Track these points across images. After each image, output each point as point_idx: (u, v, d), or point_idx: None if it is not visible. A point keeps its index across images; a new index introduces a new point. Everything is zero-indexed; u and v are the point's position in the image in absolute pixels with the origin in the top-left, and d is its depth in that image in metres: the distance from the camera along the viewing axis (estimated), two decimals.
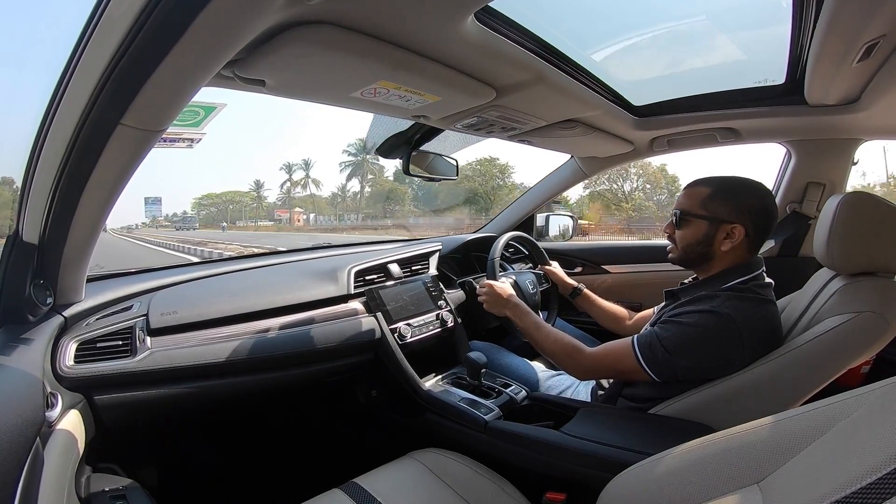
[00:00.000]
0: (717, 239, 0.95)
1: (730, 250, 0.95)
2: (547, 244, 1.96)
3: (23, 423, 0.58)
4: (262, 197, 57.21)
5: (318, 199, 53.65)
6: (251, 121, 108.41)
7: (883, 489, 0.32)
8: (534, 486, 0.87)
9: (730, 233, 0.94)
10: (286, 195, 55.36)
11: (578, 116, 1.24)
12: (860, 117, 1.16)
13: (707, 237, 0.96)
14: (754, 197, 0.95)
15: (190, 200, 78.71)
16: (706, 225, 0.96)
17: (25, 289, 0.77)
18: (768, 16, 0.94)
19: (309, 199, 53.52)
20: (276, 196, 57.40)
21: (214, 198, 60.32)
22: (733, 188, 0.96)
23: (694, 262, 1.01)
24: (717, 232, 0.95)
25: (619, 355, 0.96)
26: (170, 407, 0.93)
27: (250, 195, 58.15)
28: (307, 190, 52.97)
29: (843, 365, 0.85)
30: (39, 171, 0.68)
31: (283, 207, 54.88)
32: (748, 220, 0.93)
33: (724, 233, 0.95)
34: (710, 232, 0.96)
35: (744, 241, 0.94)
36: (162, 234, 39.55)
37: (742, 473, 0.52)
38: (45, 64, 77.61)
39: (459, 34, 0.71)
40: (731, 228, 0.94)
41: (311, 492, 0.83)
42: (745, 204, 0.94)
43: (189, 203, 74.12)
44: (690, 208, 0.99)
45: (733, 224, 0.94)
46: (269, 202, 57.44)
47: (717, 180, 0.99)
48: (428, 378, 1.27)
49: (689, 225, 0.99)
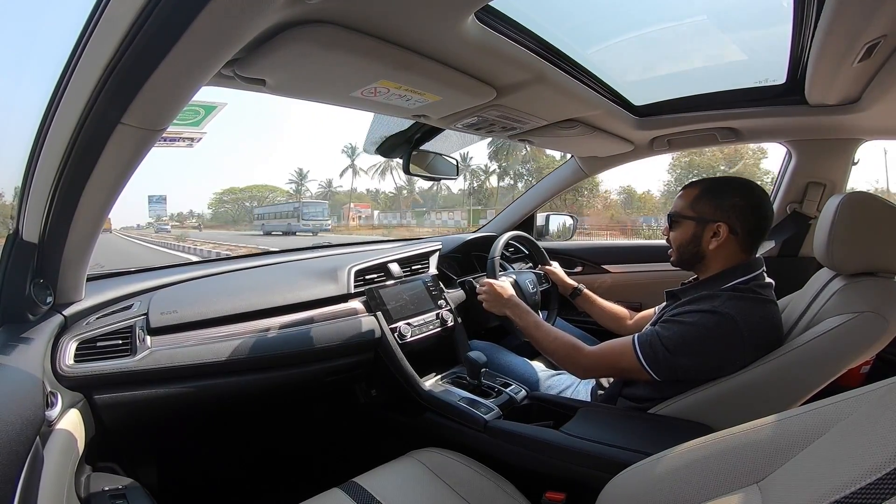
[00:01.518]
0: (704, 238, 0.97)
1: (718, 249, 0.96)
2: (547, 244, 1.96)
3: (22, 423, 0.58)
4: (302, 191, 47.72)
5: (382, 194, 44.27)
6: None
7: (883, 489, 0.32)
8: (533, 485, 0.87)
9: (715, 231, 0.95)
10: (327, 189, 46.89)
11: (579, 116, 1.24)
12: (860, 117, 1.16)
13: (695, 237, 0.98)
14: (738, 195, 0.96)
15: (211, 195, 73.20)
16: (693, 225, 0.98)
17: (25, 288, 0.77)
18: (769, 16, 0.94)
19: (370, 195, 44.75)
20: (317, 188, 48.93)
21: (238, 192, 52.65)
22: (719, 187, 0.98)
23: (689, 262, 1.02)
24: (704, 231, 0.97)
25: (619, 354, 0.96)
26: (170, 406, 0.93)
27: (281, 191, 49.66)
28: (376, 179, 42.33)
29: (843, 365, 0.85)
30: (39, 171, 0.68)
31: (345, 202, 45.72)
32: (732, 217, 0.95)
33: (711, 232, 0.96)
34: (698, 232, 0.98)
35: (731, 240, 0.95)
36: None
37: (742, 473, 0.52)
38: (46, 63, 76.78)
39: (460, 34, 0.71)
40: (717, 227, 0.95)
41: (311, 491, 0.83)
42: (728, 202, 0.95)
43: (209, 198, 66.62)
44: (681, 210, 1.01)
45: (717, 223, 0.95)
46: (312, 194, 48.85)
47: (708, 181, 1.01)
48: (428, 377, 1.28)
49: (680, 226, 1.01)
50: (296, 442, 1.48)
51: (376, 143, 1.37)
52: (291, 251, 1.66)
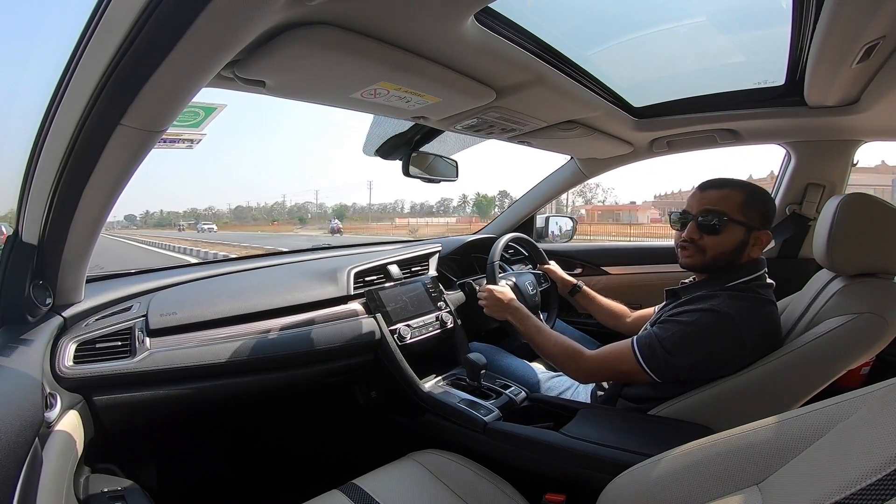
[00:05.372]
0: (748, 245, 0.94)
1: (755, 257, 0.95)
2: (546, 245, 1.96)
3: (21, 424, 0.58)
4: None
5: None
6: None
7: (883, 490, 0.32)
8: (533, 487, 0.87)
9: (758, 240, 0.94)
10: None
11: (578, 118, 1.24)
12: (860, 118, 1.16)
13: (742, 244, 0.93)
14: (770, 202, 0.96)
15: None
16: (743, 232, 0.93)
17: (25, 289, 0.77)
18: (768, 17, 0.94)
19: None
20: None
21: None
22: (760, 194, 0.96)
23: (719, 269, 0.96)
24: (750, 239, 0.94)
25: (619, 357, 0.96)
26: (169, 407, 0.93)
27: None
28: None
29: (843, 366, 0.85)
30: (39, 172, 0.68)
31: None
32: (770, 226, 0.95)
33: (755, 239, 0.94)
34: (745, 239, 0.93)
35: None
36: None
37: (742, 474, 0.52)
38: (46, 64, 76.90)
39: (459, 35, 0.71)
40: (760, 235, 0.94)
41: (310, 493, 0.83)
42: (771, 210, 0.95)
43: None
44: (730, 212, 0.93)
45: (763, 231, 0.94)
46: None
47: (743, 184, 0.97)
48: (428, 379, 1.27)
49: (726, 231, 0.93)
50: (295, 443, 1.48)
51: (376, 145, 1.37)
52: (291, 252, 1.66)
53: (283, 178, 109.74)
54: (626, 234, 28.69)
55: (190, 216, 60.12)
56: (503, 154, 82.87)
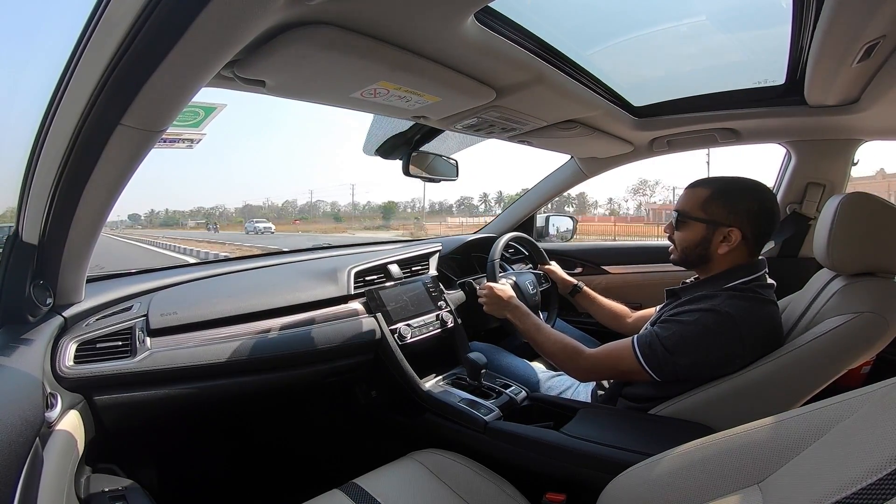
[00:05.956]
0: (713, 242, 0.95)
1: (727, 253, 0.95)
2: (547, 245, 1.96)
3: (22, 424, 0.58)
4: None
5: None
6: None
7: (883, 490, 0.32)
8: (534, 486, 0.87)
9: (726, 236, 0.94)
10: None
11: (578, 117, 1.24)
12: (860, 118, 1.16)
13: (705, 240, 0.96)
14: (752, 199, 0.94)
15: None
16: (704, 227, 0.96)
17: (25, 289, 0.77)
18: (768, 16, 0.94)
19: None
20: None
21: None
22: (732, 190, 0.96)
23: (693, 263, 1.01)
24: (714, 235, 0.95)
25: (619, 356, 0.96)
26: (169, 407, 0.93)
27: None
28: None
29: (844, 365, 0.85)
30: (39, 172, 0.68)
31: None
32: (745, 223, 0.93)
33: (721, 236, 0.94)
34: (708, 235, 0.96)
35: (741, 244, 0.94)
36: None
37: (742, 474, 0.52)
38: (45, 64, 76.70)
39: (459, 35, 0.71)
40: (728, 231, 0.94)
41: (311, 492, 0.83)
42: (743, 206, 0.93)
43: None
44: (690, 210, 0.98)
45: (730, 227, 0.93)
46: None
47: (718, 181, 0.98)
48: (428, 378, 1.27)
49: (688, 227, 0.99)
50: (296, 443, 1.48)
51: (376, 145, 1.37)
52: (291, 252, 1.66)
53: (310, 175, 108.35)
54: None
55: (197, 215, 59.05)
56: (518, 152, 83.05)
